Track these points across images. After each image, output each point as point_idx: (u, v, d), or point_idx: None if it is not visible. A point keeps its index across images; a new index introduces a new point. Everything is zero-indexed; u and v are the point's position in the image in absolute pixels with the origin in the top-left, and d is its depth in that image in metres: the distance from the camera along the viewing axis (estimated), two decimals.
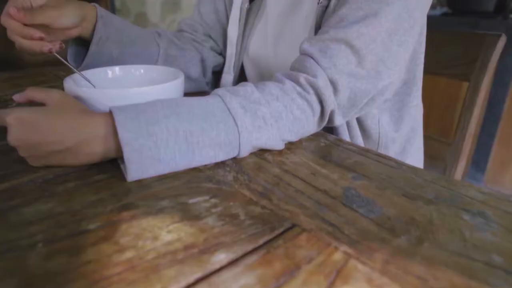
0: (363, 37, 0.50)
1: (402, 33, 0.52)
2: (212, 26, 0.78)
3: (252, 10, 0.73)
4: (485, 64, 0.82)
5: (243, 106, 0.44)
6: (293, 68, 0.52)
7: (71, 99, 0.45)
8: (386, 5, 0.50)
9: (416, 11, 0.53)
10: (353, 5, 0.51)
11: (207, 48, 0.78)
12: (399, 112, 0.68)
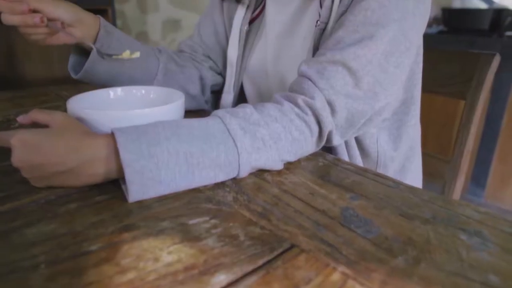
0: (359, 59, 0.51)
1: (398, 54, 0.53)
2: (212, 47, 0.80)
3: (252, 31, 0.74)
4: (481, 83, 0.84)
5: (243, 128, 0.45)
6: (292, 89, 0.54)
7: (73, 121, 0.46)
8: (381, 27, 0.51)
9: (411, 33, 0.54)
10: (349, 28, 0.53)
11: (206, 68, 0.80)
12: (397, 131, 0.69)
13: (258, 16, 0.74)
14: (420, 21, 0.56)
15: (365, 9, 0.52)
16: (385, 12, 0.52)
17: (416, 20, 0.54)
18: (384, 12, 0.52)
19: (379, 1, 0.52)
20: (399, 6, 0.52)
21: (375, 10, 0.52)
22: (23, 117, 0.47)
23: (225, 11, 0.78)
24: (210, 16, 0.80)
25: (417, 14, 0.54)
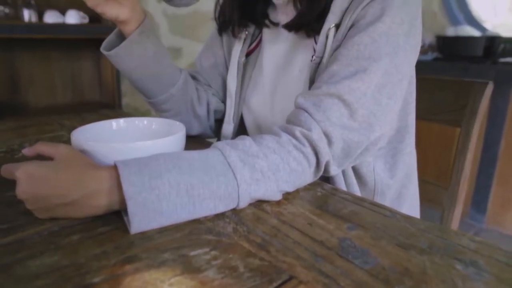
0: (354, 92, 0.53)
1: (391, 86, 0.55)
2: (213, 79, 0.83)
3: (250, 63, 0.77)
4: (475, 111, 0.86)
5: (242, 160, 0.46)
6: (289, 121, 0.55)
7: (77, 154, 0.48)
8: (374, 61, 0.54)
9: (403, 65, 0.56)
10: (343, 62, 0.55)
11: (210, 94, 0.82)
12: (393, 159, 0.70)
13: (256, 49, 0.77)
14: (411, 54, 0.58)
15: (358, 44, 0.55)
16: (377, 47, 0.54)
17: (407, 54, 0.57)
18: (376, 47, 0.54)
19: (371, 36, 0.54)
20: (390, 41, 0.54)
21: (367, 45, 0.54)
22: (28, 150, 0.49)
23: (225, 44, 0.81)
24: (211, 49, 0.83)
25: (408, 48, 0.56)
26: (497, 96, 1.87)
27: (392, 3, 0.55)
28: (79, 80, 2.16)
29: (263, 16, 0.73)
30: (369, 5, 0.56)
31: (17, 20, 1.82)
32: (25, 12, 1.82)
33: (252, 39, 0.77)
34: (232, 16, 0.73)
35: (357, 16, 0.57)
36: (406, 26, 0.56)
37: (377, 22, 0.54)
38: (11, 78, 1.96)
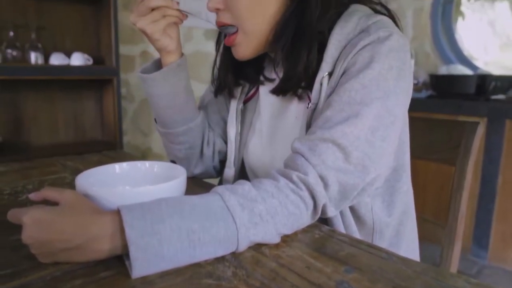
0: (347, 136, 0.55)
1: (384, 129, 0.57)
2: (216, 123, 0.86)
3: (249, 108, 0.80)
4: (468, 149, 0.88)
5: (241, 204, 0.48)
6: (286, 165, 0.57)
7: (81, 199, 0.49)
8: (365, 106, 0.56)
9: (395, 108, 0.58)
10: (336, 107, 0.58)
11: (216, 135, 0.86)
12: (390, 197, 0.71)
13: (255, 95, 0.80)
14: (402, 97, 0.61)
15: (349, 90, 0.57)
16: (368, 92, 0.57)
17: (399, 97, 0.59)
18: (367, 92, 0.57)
19: (361, 82, 0.57)
20: (380, 86, 0.57)
21: (358, 90, 0.57)
22: (35, 195, 0.50)
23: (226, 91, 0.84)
24: (212, 96, 0.86)
25: (399, 91, 0.59)
26: (492, 132, 1.90)
27: (380, 50, 0.58)
28: (82, 119, 2.20)
29: (257, 72, 0.77)
30: (358, 53, 0.59)
31: (24, 62, 1.88)
32: (32, 54, 1.89)
33: (250, 87, 0.80)
34: (227, 79, 0.78)
35: (348, 64, 0.60)
36: (395, 71, 0.59)
37: (367, 68, 0.57)
38: (15, 117, 2.00)
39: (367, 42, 0.59)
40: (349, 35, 0.62)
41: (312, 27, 0.63)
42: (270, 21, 0.66)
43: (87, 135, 2.22)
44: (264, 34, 0.67)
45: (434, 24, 2.47)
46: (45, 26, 2.00)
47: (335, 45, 0.62)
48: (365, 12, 0.65)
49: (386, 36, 0.59)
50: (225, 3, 0.66)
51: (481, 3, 2.70)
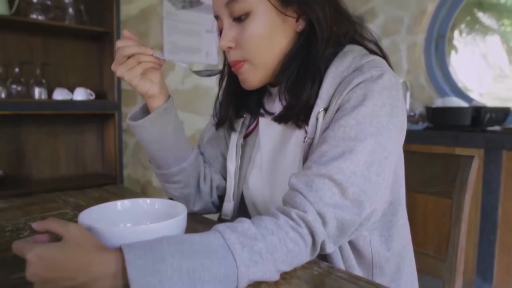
0: (343, 172, 0.57)
1: (378, 164, 0.59)
2: (214, 158, 0.88)
3: (248, 143, 0.82)
4: (464, 183, 0.89)
5: (241, 242, 0.49)
6: (285, 202, 0.59)
7: (86, 234, 0.49)
8: (360, 141, 0.58)
9: (388, 144, 0.60)
10: (331, 143, 0.60)
11: (213, 171, 0.87)
12: (388, 232, 0.72)
13: (253, 130, 0.83)
14: (396, 133, 0.63)
15: (344, 126, 0.60)
16: (362, 128, 0.59)
17: (392, 133, 0.61)
18: (361, 128, 0.59)
19: (355, 118, 0.59)
20: (373, 122, 0.59)
21: (352, 126, 0.59)
22: (39, 225, 0.50)
23: (225, 127, 0.86)
24: (211, 131, 0.88)
25: (392, 127, 0.61)
26: (489, 164, 1.91)
27: (373, 89, 0.61)
28: (83, 153, 2.22)
29: (258, 105, 0.80)
30: (352, 91, 0.62)
31: (28, 97, 1.92)
32: (36, 90, 1.93)
33: (250, 121, 0.83)
34: (228, 111, 0.80)
35: (342, 101, 0.63)
36: (388, 108, 0.61)
37: (361, 106, 0.60)
38: (16, 151, 2.02)
39: (360, 80, 0.62)
40: (344, 73, 0.65)
41: (317, 60, 0.66)
42: (279, 55, 0.69)
43: (88, 168, 2.24)
44: (271, 67, 0.70)
45: (428, 58, 2.54)
46: (50, 63, 2.06)
47: (330, 82, 0.65)
48: (360, 52, 0.68)
49: (378, 75, 0.62)
50: (236, 41, 0.69)
51: (473, 37, 2.79)
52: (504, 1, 2.60)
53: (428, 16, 2.51)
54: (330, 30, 0.67)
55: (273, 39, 0.68)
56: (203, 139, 0.90)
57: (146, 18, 2.43)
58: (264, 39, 0.67)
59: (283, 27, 0.68)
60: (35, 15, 1.89)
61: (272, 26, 0.67)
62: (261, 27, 0.66)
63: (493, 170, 1.92)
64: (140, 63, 0.68)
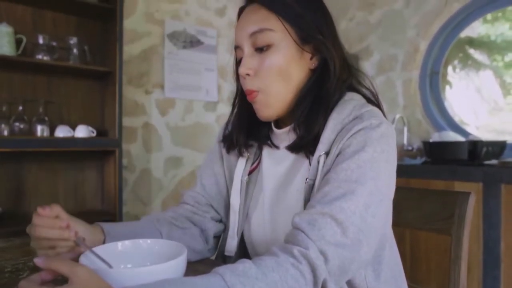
0: (344, 211, 0.59)
1: (375, 206, 0.62)
2: (214, 196, 0.88)
3: (251, 180, 0.83)
4: (462, 219, 0.90)
5: (242, 282, 0.49)
6: (287, 241, 0.60)
7: (94, 277, 0.48)
8: (361, 184, 0.61)
9: (384, 188, 0.64)
10: (334, 184, 0.62)
11: (208, 219, 0.86)
12: (380, 266, 0.73)
13: (257, 168, 0.84)
14: (390, 178, 0.67)
15: (346, 170, 0.63)
16: (363, 172, 0.62)
17: (388, 178, 0.66)
18: (362, 172, 0.62)
19: (356, 163, 0.63)
20: (373, 167, 0.63)
21: (354, 170, 0.62)
22: (42, 262, 0.48)
23: (225, 164, 0.88)
24: (211, 168, 0.90)
25: (387, 173, 0.65)
26: (489, 198, 1.92)
27: (372, 136, 0.65)
28: (82, 189, 2.23)
29: (266, 138, 0.82)
30: (352, 137, 0.66)
31: (31, 134, 1.95)
32: (38, 127, 1.96)
33: (254, 157, 0.84)
34: (239, 139, 0.82)
35: (343, 146, 0.66)
36: (385, 155, 0.65)
37: (361, 151, 0.64)
38: (16, 188, 2.02)
39: (360, 127, 0.66)
40: (344, 120, 0.69)
41: (329, 95, 0.71)
42: (292, 88, 0.73)
43: (87, 205, 2.23)
44: (283, 99, 0.73)
45: (423, 93, 2.60)
46: (53, 101, 2.11)
47: (331, 128, 0.69)
48: (359, 101, 0.73)
49: (377, 124, 0.66)
50: (255, 70, 0.72)
51: (466, 72, 2.86)
52: (494, 38, 2.69)
53: (421, 54, 2.59)
54: (340, 70, 0.72)
55: (290, 72, 0.71)
56: (201, 177, 0.90)
57: (148, 57, 2.51)
58: (281, 71, 0.71)
59: (300, 63, 0.72)
60: (41, 55, 1.95)
61: (290, 60, 0.71)
62: (280, 59, 0.70)
63: (492, 204, 1.92)
64: (55, 248, 0.63)
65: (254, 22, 0.71)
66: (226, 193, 0.88)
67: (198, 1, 2.74)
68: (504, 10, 2.44)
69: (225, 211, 0.87)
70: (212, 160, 0.91)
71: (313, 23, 0.71)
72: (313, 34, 0.71)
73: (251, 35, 0.71)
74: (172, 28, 2.62)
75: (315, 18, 0.72)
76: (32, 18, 2.05)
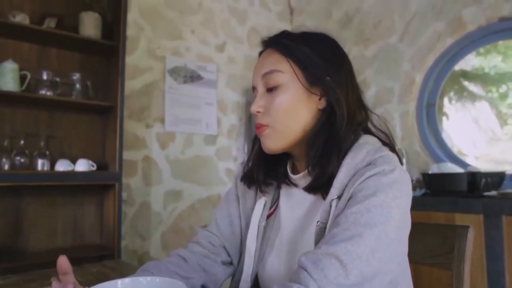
0: (350, 254, 0.59)
1: (382, 251, 0.61)
2: (227, 237, 0.88)
3: (269, 225, 0.83)
4: (462, 254, 0.89)
5: None
6: (290, 279, 0.60)
7: None
8: (369, 228, 0.61)
9: (393, 233, 0.63)
10: (343, 226, 0.63)
11: (218, 263, 0.85)
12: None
13: (274, 212, 0.84)
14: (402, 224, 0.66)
15: (355, 213, 0.63)
16: (372, 216, 0.62)
17: (397, 224, 0.64)
18: (371, 216, 0.62)
19: (366, 207, 0.63)
20: (383, 212, 0.63)
21: (363, 213, 0.63)
22: None
23: (241, 206, 0.88)
24: (226, 210, 0.90)
25: (398, 219, 0.64)
26: (490, 230, 1.90)
27: (384, 182, 0.65)
28: (81, 223, 2.21)
29: (284, 177, 0.83)
30: (364, 182, 0.66)
31: (31, 168, 1.96)
32: (39, 161, 1.98)
33: (272, 202, 0.85)
34: (259, 176, 0.83)
35: (354, 190, 0.67)
36: (398, 201, 0.65)
37: (373, 196, 0.64)
38: (14, 222, 2.01)
39: (373, 173, 0.66)
40: (358, 165, 0.70)
41: (340, 136, 0.72)
42: (300, 126, 0.75)
43: (86, 240, 2.21)
44: (290, 136, 0.75)
45: (420, 125, 2.63)
46: (54, 135, 2.13)
47: (344, 173, 0.70)
48: (374, 145, 0.73)
49: (390, 169, 0.67)
50: (265, 108, 0.76)
51: (462, 103, 2.91)
52: (488, 71, 2.75)
53: (417, 86, 2.64)
54: (349, 115, 0.73)
55: (297, 111, 0.74)
56: (216, 217, 0.90)
57: (149, 92, 2.56)
58: (288, 110, 0.74)
59: (307, 103, 0.75)
60: (44, 90, 2.00)
61: (298, 100, 0.74)
62: (288, 100, 0.74)
63: (494, 236, 1.90)
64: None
65: (266, 64, 0.76)
66: (239, 235, 0.88)
67: (198, 38, 2.83)
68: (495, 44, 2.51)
69: (237, 252, 0.87)
70: (228, 201, 0.91)
71: (321, 66, 0.74)
72: (320, 77, 0.74)
73: (263, 76, 0.76)
74: (173, 64, 2.69)
75: (323, 61, 0.74)
76: (37, 54, 2.11)
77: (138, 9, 2.53)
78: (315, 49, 0.75)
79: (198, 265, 0.83)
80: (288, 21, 3.45)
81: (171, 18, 2.69)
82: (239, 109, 3.00)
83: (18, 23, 1.90)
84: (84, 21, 2.10)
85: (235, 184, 0.91)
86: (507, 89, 2.73)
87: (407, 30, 2.69)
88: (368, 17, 2.94)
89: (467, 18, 2.41)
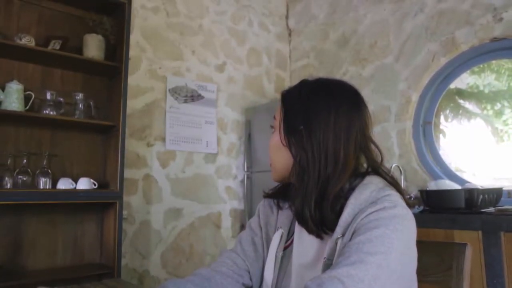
0: (352, 277, 0.62)
1: (384, 279, 0.64)
2: (252, 262, 0.90)
3: (286, 255, 0.86)
4: (460, 272, 0.90)
5: None
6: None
7: None
8: (370, 255, 0.64)
9: (395, 264, 0.66)
10: (346, 254, 0.66)
11: (240, 284, 0.88)
12: None
13: (291, 244, 0.87)
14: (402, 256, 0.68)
15: (357, 243, 0.66)
16: (373, 245, 0.65)
17: (398, 256, 0.67)
18: (372, 245, 0.65)
19: (368, 238, 0.66)
20: (384, 242, 0.66)
21: (365, 243, 0.66)
22: None
23: (264, 236, 0.92)
24: (251, 237, 0.93)
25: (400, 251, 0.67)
26: (489, 246, 1.90)
27: (384, 216, 0.69)
28: (81, 242, 2.20)
29: None
30: (366, 217, 0.70)
31: (33, 187, 1.97)
32: (41, 180, 1.99)
33: (288, 236, 0.87)
34: (278, 197, 0.90)
35: (357, 225, 0.70)
36: (398, 233, 0.67)
37: (374, 228, 0.67)
38: (14, 241, 2.00)
39: (374, 210, 0.70)
40: (361, 205, 0.73)
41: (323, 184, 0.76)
42: (285, 165, 0.82)
43: (85, 258, 2.20)
44: (282, 170, 0.83)
45: (417, 143, 2.66)
46: (57, 154, 2.15)
47: (349, 213, 0.73)
48: (377, 185, 0.76)
49: (391, 206, 0.70)
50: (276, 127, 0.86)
51: (458, 120, 2.95)
52: (482, 89, 2.81)
53: (413, 105, 2.69)
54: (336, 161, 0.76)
55: (280, 152, 0.82)
56: (241, 241, 0.93)
57: (150, 111, 2.59)
58: (276, 148, 0.84)
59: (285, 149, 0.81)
60: (48, 110, 2.03)
61: (280, 143, 0.82)
62: (275, 139, 0.84)
63: (493, 252, 1.90)
64: None
65: (276, 110, 0.87)
66: (262, 263, 0.90)
67: (198, 58, 2.88)
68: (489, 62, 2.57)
69: (258, 280, 0.89)
70: (252, 230, 0.94)
71: (299, 116, 0.80)
72: (294, 126, 0.80)
73: (274, 117, 0.87)
74: (174, 84, 2.73)
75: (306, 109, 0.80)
76: (41, 75, 2.15)
77: (140, 30, 2.59)
78: (306, 98, 0.81)
79: (221, 284, 0.85)
80: (286, 42, 3.53)
81: (172, 40, 2.75)
82: (238, 128, 3.04)
83: (24, 45, 1.94)
84: (88, 43, 2.15)
85: (258, 215, 0.96)
86: (502, 106, 2.78)
87: (402, 50, 2.75)
88: (364, 38, 3.01)
89: (460, 38, 2.47)
